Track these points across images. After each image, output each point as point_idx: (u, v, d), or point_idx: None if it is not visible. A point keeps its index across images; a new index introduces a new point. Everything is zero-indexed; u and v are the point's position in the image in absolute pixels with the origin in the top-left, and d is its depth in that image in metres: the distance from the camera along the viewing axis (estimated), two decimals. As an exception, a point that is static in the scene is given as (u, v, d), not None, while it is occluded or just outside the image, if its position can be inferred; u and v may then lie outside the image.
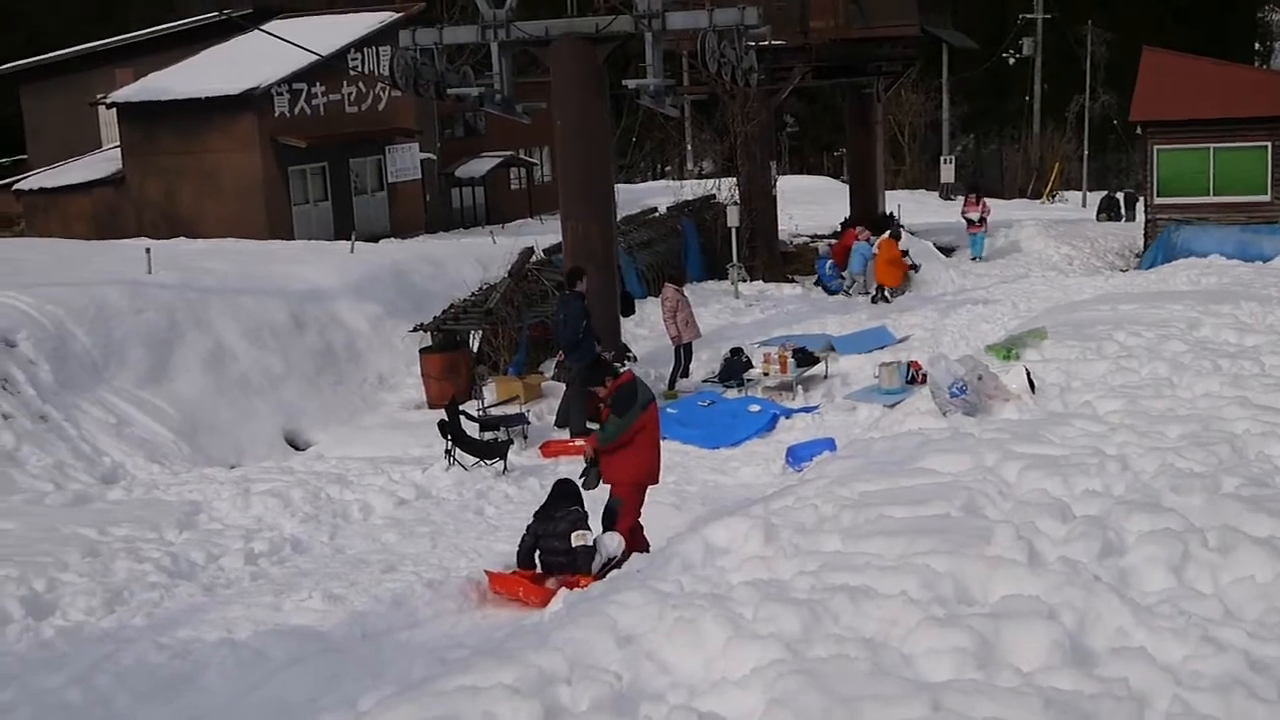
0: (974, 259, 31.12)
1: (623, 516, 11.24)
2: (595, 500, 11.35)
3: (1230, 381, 11.45)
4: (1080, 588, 6.26)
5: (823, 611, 5.98)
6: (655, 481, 11.63)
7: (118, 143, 36.08)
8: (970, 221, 31.65)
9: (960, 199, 36.11)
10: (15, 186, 38.08)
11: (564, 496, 11.32)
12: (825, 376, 20.08)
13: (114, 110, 35.22)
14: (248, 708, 7.82)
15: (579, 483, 11.37)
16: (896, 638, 5.77)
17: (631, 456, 11.25)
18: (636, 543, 11.12)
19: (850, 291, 27.49)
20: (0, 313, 17.61)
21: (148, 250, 21.63)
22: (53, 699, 7.78)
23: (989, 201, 32.58)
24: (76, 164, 37.87)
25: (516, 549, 11.26)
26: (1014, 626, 5.78)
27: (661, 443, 16.85)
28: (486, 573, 10.93)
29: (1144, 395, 11.07)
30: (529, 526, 11.26)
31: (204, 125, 32.92)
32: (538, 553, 11.03)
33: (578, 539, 10.79)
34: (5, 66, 41.24)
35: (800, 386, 19.39)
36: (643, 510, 11.57)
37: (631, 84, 19.39)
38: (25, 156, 43.03)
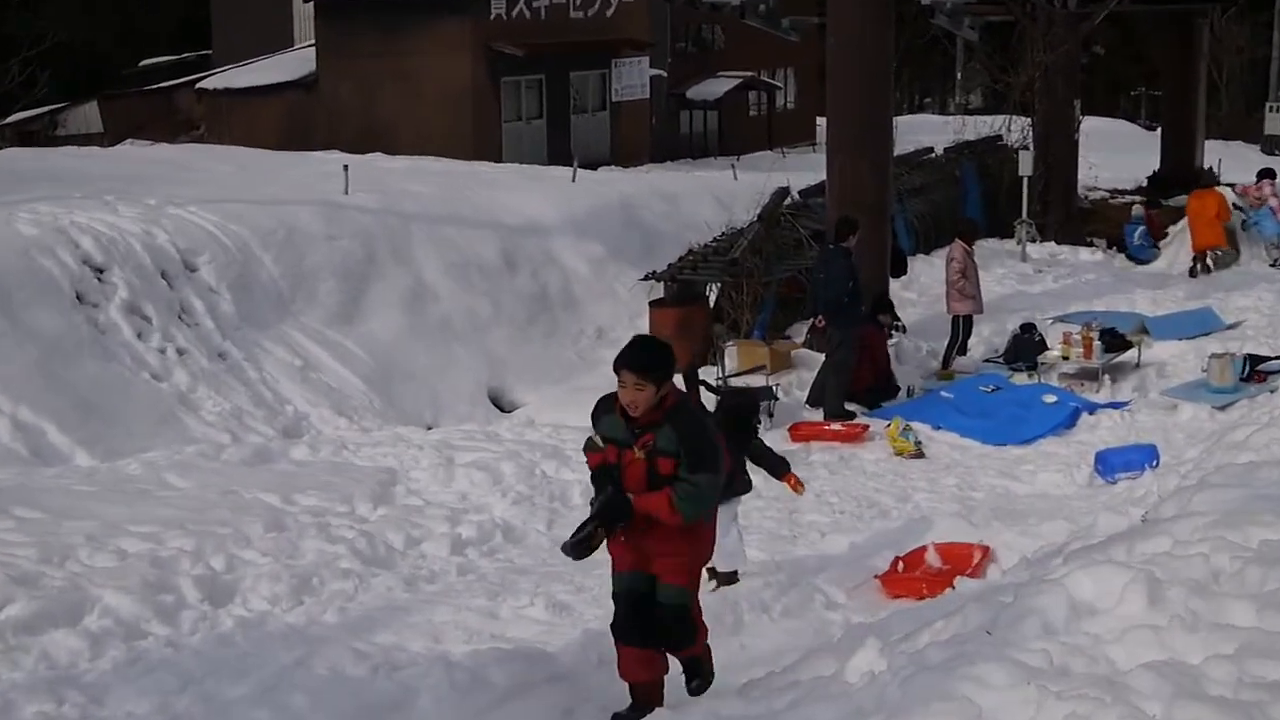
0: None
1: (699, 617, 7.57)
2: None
3: None
4: None
5: (1262, 721, 5.03)
6: None
7: (311, 41, 36.32)
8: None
9: None
10: (198, 85, 38.65)
11: None
12: (1137, 365, 18.83)
13: (310, 4, 35.43)
14: (468, 747, 7.23)
15: (572, 547, 7.03)
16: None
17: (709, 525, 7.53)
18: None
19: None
20: (181, 231, 17.54)
21: (345, 167, 21.46)
22: (237, 715, 7.27)
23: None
24: (265, 63, 38.28)
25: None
26: None
27: (934, 434, 16.07)
28: (877, 578, 10.14)
29: None
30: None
31: (410, 25, 32.83)
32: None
33: None
34: (194, -51, 42.22)
35: (1107, 375, 18.22)
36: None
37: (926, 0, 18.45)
38: (209, 52, 43.67)
